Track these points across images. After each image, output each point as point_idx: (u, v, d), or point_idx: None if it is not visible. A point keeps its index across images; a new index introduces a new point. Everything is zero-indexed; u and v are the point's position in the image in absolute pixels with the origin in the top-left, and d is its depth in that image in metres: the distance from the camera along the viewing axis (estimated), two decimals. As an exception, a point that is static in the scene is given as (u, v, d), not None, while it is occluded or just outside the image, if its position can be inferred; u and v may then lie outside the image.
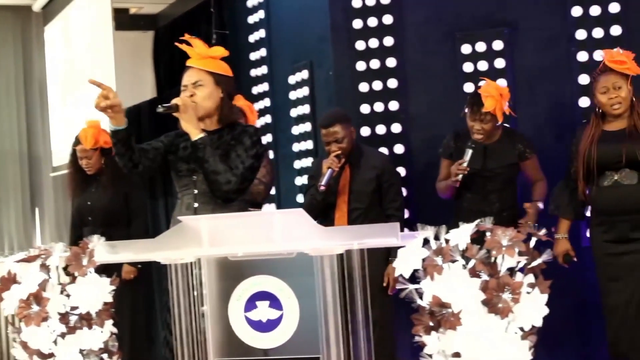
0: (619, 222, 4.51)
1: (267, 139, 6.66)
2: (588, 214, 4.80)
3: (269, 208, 6.29)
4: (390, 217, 5.10)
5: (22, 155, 8.09)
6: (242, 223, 3.15)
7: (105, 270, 3.34)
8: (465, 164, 4.90)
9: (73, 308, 3.19)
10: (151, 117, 7.63)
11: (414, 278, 2.98)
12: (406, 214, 5.62)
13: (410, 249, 2.92)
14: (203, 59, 3.86)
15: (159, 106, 3.74)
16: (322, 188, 4.94)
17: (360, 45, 5.81)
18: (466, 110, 4.99)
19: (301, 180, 6.15)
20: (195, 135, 3.71)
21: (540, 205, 4.94)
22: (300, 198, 6.01)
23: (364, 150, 5.21)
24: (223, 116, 3.86)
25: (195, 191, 3.83)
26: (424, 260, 2.91)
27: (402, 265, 2.91)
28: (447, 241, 2.92)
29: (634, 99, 4.57)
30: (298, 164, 6.26)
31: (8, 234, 7.88)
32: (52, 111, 7.97)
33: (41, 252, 3.28)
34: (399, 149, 5.73)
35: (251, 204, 5.37)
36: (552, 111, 5.49)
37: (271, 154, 6.58)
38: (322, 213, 5.15)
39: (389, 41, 5.78)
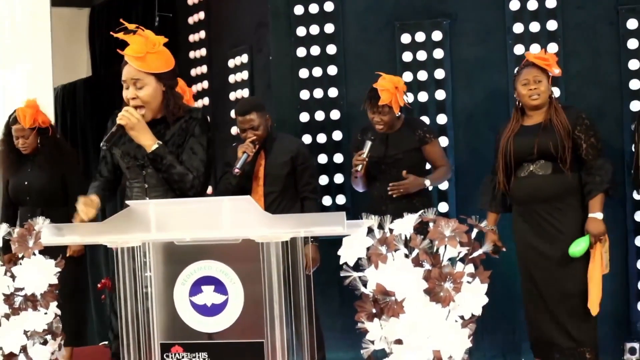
0: (534, 210, 4.70)
1: (204, 121, 6.66)
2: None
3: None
4: (305, 199, 5.20)
5: None
6: (190, 209, 3.19)
7: (48, 251, 3.35)
8: (364, 155, 5.04)
9: (18, 289, 3.18)
10: (86, 95, 7.58)
11: (357, 266, 3.06)
12: (342, 201, 5.71)
13: (354, 238, 2.99)
14: (140, 59, 3.71)
15: (103, 143, 3.69)
16: (237, 171, 5.01)
17: (300, 31, 5.86)
18: (365, 103, 5.13)
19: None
20: (149, 147, 3.69)
21: (427, 182, 5.09)
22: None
23: (278, 136, 5.29)
24: (170, 109, 3.78)
25: (146, 185, 3.82)
26: (368, 249, 2.98)
27: (347, 254, 2.98)
28: (391, 231, 3.00)
29: (553, 96, 4.76)
30: (236, 148, 6.28)
31: None
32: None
33: (-15, 234, 3.27)
34: (337, 135, 5.80)
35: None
36: (488, 102, 5.61)
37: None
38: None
39: (329, 28, 5.85)
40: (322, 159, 5.85)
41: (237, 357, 3.16)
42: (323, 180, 5.81)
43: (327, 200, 5.84)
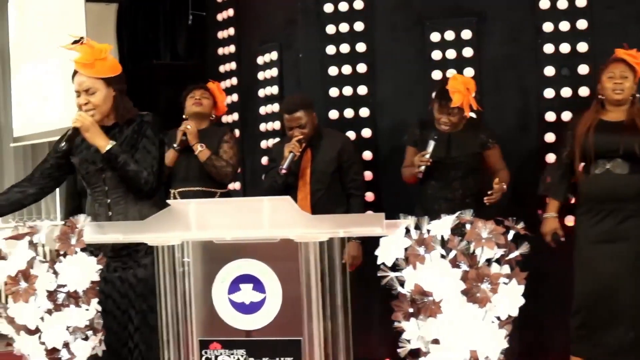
0: (607, 210, 4.70)
1: (233, 117, 6.73)
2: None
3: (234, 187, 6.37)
4: (351, 196, 5.25)
5: None
6: (230, 208, 3.24)
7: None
8: (427, 156, 5.03)
9: (60, 286, 3.24)
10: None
11: (393, 266, 3.10)
12: (371, 197, 5.74)
13: (392, 238, 3.03)
14: (89, 66, 3.85)
15: (61, 145, 3.88)
16: (284, 172, 5.05)
17: (330, 29, 5.89)
18: (434, 103, 5.12)
19: (267, 160, 6.23)
20: (103, 147, 3.83)
21: (505, 186, 5.07)
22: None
23: (324, 132, 5.32)
24: (120, 112, 3.95)
25: (106, 187, 3.96)
26: (405, 249, 3.02)
27: (385, 254, 3.02)
28: (428, 231, 3.04)
29: (636, 95, 4.77)
30: (264, 144, 6.34)
31: None
32: (14, 80, 7.92)
33: (29, 229, 3.32)
34: (366, 132, 5.83)
35: (218, 185, 5.47)
36: (517, 101, 5.64)
37: (237, 133, 6.64)
38: (282, 195, 5.29)
39: (359, 26, 5.87)
40: (351, 156, 5.88)
41: (274, 355, 3.21)
42: (352, 176, 5.84)
43: (355, 197, 5.87)
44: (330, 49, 5.89)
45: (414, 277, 2.98)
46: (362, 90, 5.86)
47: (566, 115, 5.45)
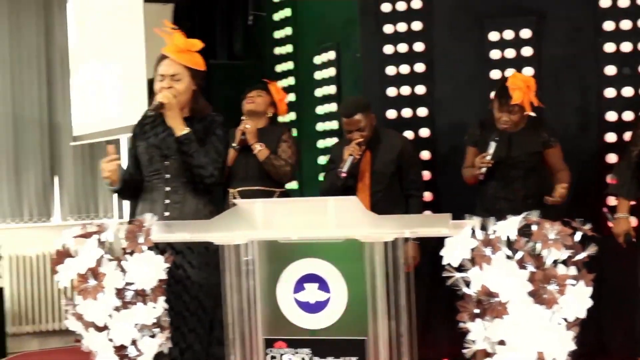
0: None
1: (290, 117, 6.75)
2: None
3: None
4: (410, 196, 5.24)
5: (43, 124, 8.05)
6: (296, 207, 3.27)
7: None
8: (489, 157, 5.02)
9: (128, 284, 3.29)
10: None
11: (459, 266, 3.10)
12: (429, 197, 5.73)
13: (458, 239, 3.03)
14: (182, 52, 3.98)
15: (147, 110, 4.01)
16: (344, 175, 5.06)
17: (388, 28, 5.89)
18: (494, 102, 5.09)
19: (324, 160, 6.25)
20: (181, 130, 3.94)
21: (566, 187, 5.00)
22: (322, 177, 6.11)
23: (383, 133, 5.32)
24: (196, 108, 4.07)
25: (167, 176, 4.02)
26: (471, 250, 3.02)
27: (451, 254, 3.03)
28: (494, 232, 3.04)
29: None
30: (322, 143, 6.36)
31: (28, 201, 7.93)
32: (73, 80, 8.01)
33: (98, 227, 3.38)
34: (424, 132, 5.82)
35: (276, 185, 5.50)
36: (578, 101, 5.59)
37: (294, 132, 6.66)
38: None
39: (417, 26, 5.86)
40: (409, 155, 5.88)
41: (339, 354, 3.23)
42: (410, 176, 5.84)
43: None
44: (388, 49, 5.89)
45: (480, 278, 2.98)
46: (420, 89, 5.85)
47: (627, 115, 5.40)
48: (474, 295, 3.02)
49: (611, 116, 5.48)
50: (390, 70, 5.88)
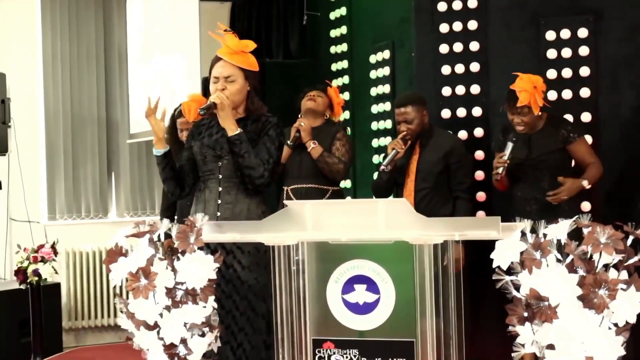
0: None
1: (344, 115, 6.75)
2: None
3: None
4: (457, 198, 5.22)
5: (100, 121, 8.16)
6: (345, 209, 3.28)
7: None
8: (505, 157, 4.99)
9: (178, 283, 3.33)
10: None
11: (508, 269, 3.08)
12: (482, 197, 5.69)
13: (508, 242, 3.01)
14: (235, 54, 4.03)
15: (199, 109, 4.01)
16: (382, 168, 5.10)
17: (443, 27, 5.86)
18: (505, 105, 5.09)
19: (378, 159, 6.26)
20: (232, 131, 3.98)
21: (585, 183, 4.97)
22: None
23: (436, 131, 5.31)
24: (251, 108, 4.13)
25: (220, 176, 4.07)
26: (521, 253, 3.00)
27: (500, 257, 3.01)
28: (544, 235, 3.01)
29: None
30: (376, 143, 6.36)
31: (85, 198, 8.03)
32: (131, 78, 8.10)
33: (150, 227, 3.42)
34: (478, 132, 5.78)
35: (330, 183, 5.51)
36: (635, 101, 5.50)
37: (348, 131, 6.65)
38: (389, 192, 5.33)
39: (472, 25, 5.81)
40: (463, 155, 5.84)
41: (387, 355, 3.24)
42: (464, 176, 5.80)
43: (466, 197, 5.84)
44: (444, 48, 5.86)
45: (529, 282, 2.96)
46: (475, 89, 5.81)
47: (686, 115, 5.31)
48: (523, 298, 3.01)
49: (669, 116, 5.40)
50: (445, 69, 5.85)
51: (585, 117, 5.52)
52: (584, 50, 5.56)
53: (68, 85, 8.12)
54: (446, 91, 5.85)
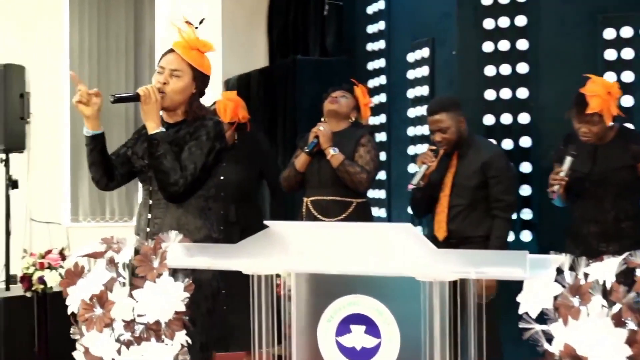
0: None
1: (380, 119, 6.21)
2: None
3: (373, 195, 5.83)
4: (495, 217, 4.65)
5: (129, 118, 7.99)
6: (341, 234, 2.68)
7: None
8: (563, 173, 4.39)
9: (141, 315, 2.77)
10: (259, 86, 7.25)
11: (541, 314, 2.48)
12: (528, 215, 5.10)
13: (539, 283, 2.40)
14: (190, 49, 3.63)
15: (111, 96, 3.62)
16: (412, 187, 4.54)
17: (488, 23, 5.29)
18: (571, 110, 4.48)
19: (414, 168, 5.66)
20: (152, 129, 3.53)
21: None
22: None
23: (475, 141, 4.75)
24: (190, 110, 3.66)
25: (151, 188, 3.64)
26: (555, 297, 2.39)
27: (529, 302, 2.40)
28: (586, 276, 2.39)
29: None
30: (412, 150, 5.77)
31: (110, 200, 7.75)
32: (160, 74, 7.79)
33: (110, 245, 2.87)
34: (525, 141, 5.20)
35: (354, 194, 4.95)
36: None
37: (384, 136, 6.13)
38: (430, 209, 4.75)
39: (521, 20, 5.24)
40: (507, 167, 5.25)
41: (389, 412, 2.64)
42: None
43: (510, 214, 5.24)
44: (488, 46, 5.28)
45: (564, 334, 2.35)
46: (523, 93, 5.22)
47: None
48: (556, 355, 2.39)
49: None
50: (489, 70, 5.28)
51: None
52: (648, 51, 4.96)
53: (95, 80, 7.90)
54: (490, 95, 5.28)
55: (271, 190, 5.83)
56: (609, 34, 5.06)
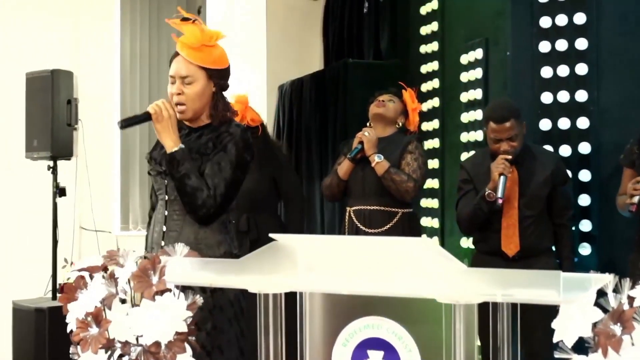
0: None
1: (433, 124, 5.89)
2: None
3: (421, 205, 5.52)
4: (561, 227, 4.38)
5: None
6: (358, 250, 2.39)
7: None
8: None
9: (140, 336, 2.53)
10: (311, 90, 7.00)
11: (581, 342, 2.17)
12: (587, 227, 4.75)
13: (576, 308, 2.09)
14: (195, 50, 3.32)
15: (118, 123, 3.32)
16: (500, 201, 4.18)
17: (545, 22, 4.94)
18: None
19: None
20: (170, 147, 3.26)
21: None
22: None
23: (529, 147, 4.45)
24: (216, 113, 3.38)
25: (167, 197, 3.36)
26: (595, 325, 2.08)
27: (564, 329, 2.09)
28: (631, 300, 2.07)
29: None
30: (465, 156, 5.43)
31: (133, 209, 7.60)
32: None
33: (112, 258, 2.64)
34: (584, 147, 4.83)
35: (399, 204, 4.67)
36: None
37: (437, 143, 5.81)
38: (488, 224, 4.40)
39: (580, 18, 4.89)
40: (565, 175, 4.90)
41: None
42: (565, 201, 4.86)
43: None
44: (544, 46, 4.93)
45: (604, 368, 2.03)
46: (582, 96, 4.86)
47: None
48: (596, 390, 2.08)
49: None
50: (546, 71, 4.93)
51: None
52: None
53: (147, 86, 7.74)
54: (546, 98, 4.93)
55: (285, 201, 5.40)
56: (677, 31, 4.69)
